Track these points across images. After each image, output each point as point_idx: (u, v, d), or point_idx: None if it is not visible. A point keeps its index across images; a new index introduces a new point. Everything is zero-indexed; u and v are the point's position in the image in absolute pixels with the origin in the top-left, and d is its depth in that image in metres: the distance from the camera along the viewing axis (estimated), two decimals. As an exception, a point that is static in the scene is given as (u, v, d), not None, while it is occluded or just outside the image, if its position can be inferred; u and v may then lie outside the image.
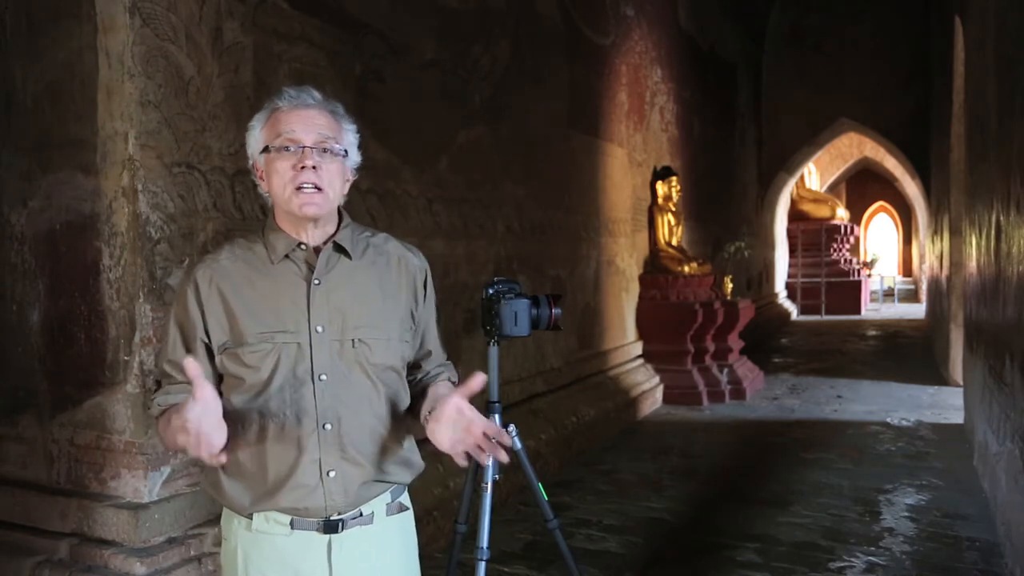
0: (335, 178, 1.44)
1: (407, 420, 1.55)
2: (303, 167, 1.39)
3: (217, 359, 1.44)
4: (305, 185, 1.39)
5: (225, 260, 1.47)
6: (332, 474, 1.42)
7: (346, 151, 1.46)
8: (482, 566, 2.05)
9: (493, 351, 2.15)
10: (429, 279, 1.60)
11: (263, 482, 1.43)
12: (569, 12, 5.67)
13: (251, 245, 1.48)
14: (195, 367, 1.28)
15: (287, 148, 1.40)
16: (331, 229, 1.49)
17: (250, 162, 1.49)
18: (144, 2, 2.45)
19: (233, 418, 1.41)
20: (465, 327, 4.21)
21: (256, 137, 1.46)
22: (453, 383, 1.59)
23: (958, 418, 6.19)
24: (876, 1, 11.91)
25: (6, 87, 2.64)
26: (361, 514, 1.48)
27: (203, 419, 1.27)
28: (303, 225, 1.45)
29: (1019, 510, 3.17)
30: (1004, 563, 3.40)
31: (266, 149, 1.42)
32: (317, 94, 1.46)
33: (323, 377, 1.42)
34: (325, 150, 1.41)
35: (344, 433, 1.43)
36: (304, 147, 1.40)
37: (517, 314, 1.99)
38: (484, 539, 2.06)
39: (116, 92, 2.43)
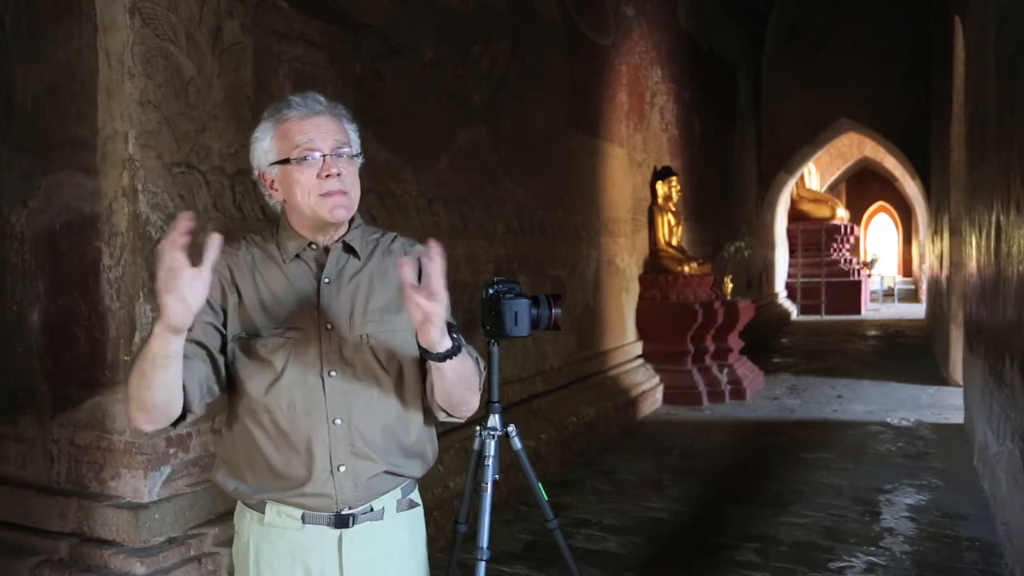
0: (356, 180, 1.47)
1: (422, 408, 1.53)
2: (328, 175, 1.40)
3: (229, 348, 1.44)
4: (332, 192, 1.41)
5: (241, 254, 1.49)
6: (342, 468, 1.44)
7: (358, 152, 1.48)
8: (482, 566, 2.06)
9: (493, 351, 2.15)
10: None
11: (273, 476, 1.44)
12: (569, 12, 5.66)
13: (264, 243, 1.51)
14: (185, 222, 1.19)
15: (307, 158, 1.40)
16: (343, 230, 1.50)
17: (255, 173, 1.48)
18: (144, 2, 2.45)
19: (245, 413, 1.44)
20: (465, 327, 4.19)
21: (265, 149, 1.44)
22: (472, 356, 1.49)
23: (958, 418, 6.19)
24: (876, 1, 11.91)
25: (6, 87, 2.64)
26: (372, 509, 1.49)
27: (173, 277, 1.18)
28: (324, 230, 1.47)
29: (1019, 510, 3.17)
30: (1004, 563, 3.40)
31: (284, 161, 1.41)
32: (322, 98, 1.46)
33: (332, 373, 1.44)
34: (342, 155, 1.43)
35: (354, 428, 1.44)
36: (325, 156, 1.41)
37: (517, 314, 1.99)
38: (484, 539, 2.06)
39: (116, 92, 2.43)
